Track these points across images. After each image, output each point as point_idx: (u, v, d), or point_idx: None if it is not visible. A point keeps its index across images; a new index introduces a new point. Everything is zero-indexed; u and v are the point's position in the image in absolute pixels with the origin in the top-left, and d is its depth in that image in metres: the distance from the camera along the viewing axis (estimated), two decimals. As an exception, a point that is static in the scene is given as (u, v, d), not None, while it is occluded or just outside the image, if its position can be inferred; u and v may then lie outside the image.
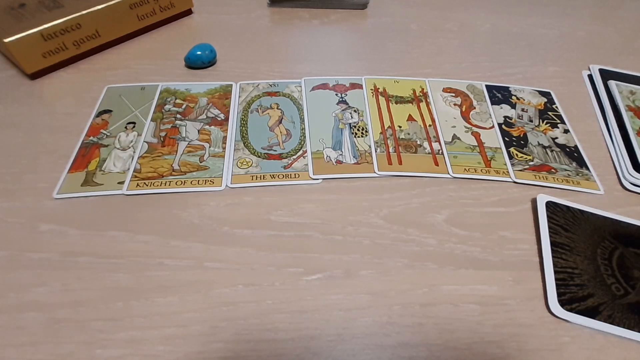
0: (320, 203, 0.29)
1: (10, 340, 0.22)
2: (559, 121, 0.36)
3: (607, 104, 0.37)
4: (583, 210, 0.29)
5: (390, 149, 0.32)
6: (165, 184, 0.29)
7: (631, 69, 0.41)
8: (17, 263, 0.25)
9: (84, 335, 0.22)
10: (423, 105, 0.36)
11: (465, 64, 0.41)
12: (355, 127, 0.34)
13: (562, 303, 0.24)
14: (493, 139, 0.34)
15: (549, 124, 0.35)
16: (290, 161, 0.31)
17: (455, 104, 0.37)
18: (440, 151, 0.32)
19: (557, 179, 0.31)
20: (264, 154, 0.32)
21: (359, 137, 0.33)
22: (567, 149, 0.33)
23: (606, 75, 0.40)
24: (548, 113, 0.36)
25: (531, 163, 0.32)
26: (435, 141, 0.33)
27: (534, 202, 0.29)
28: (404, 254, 0.26)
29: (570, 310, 0.24)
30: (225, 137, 0.33)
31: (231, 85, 0.37)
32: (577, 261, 0.26)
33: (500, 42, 0.44)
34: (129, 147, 0.31)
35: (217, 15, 0.46)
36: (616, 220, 0.28)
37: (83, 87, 0.36)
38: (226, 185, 0.29)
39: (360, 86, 0.38)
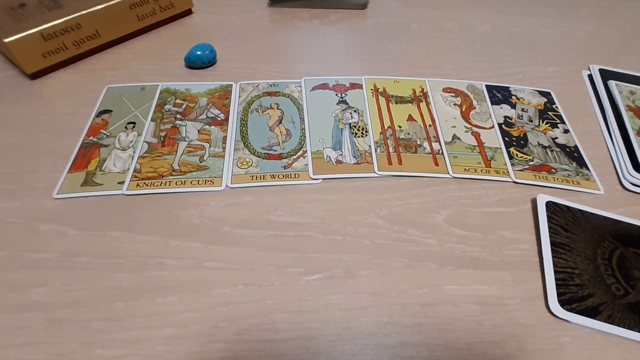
0: (320, 203, 0.29)
1: (10, 340, 0.22)
2: (559, 121, 0.36)
3: (607, 104, 0.37)
4: (583, 210, 0.29)
5: (390, 149, 0.32)
6: (165, 184, 0.29)
7: (631, 69, 0.41)
8: (17, 263, 0.25)
9: (84, 335, 0.22)
10: (423, 105, 0.36)
11: (465, 64, 0.41)
12: (355, 127, 0.34)
13: (562, 303, 0.24)
14: (493, 139, 0.34)
15: (549, 124, 0.35)
16: (290, 161, 0.31)
17: (455, 104, 0.37)
18: (440, 151, 0.32)
19: (557, 179, 0.31)
20: (264, 154, 0.32)
21: (359, 137, 0.33)
22: (567, 149, 0.33)
23: (606, 75, 0.40)
24: (548, 113, 0.36)
25: (531, 163, 0.32)
26: (435, 141, 0.33)
27: (534, 202, 0.29)
28: (404, 254, 0.26)
29: (570, 310, 0.24)
30: (225, 137, 0.33)
31: (231, 85, 0.37)
32: (577, 261, 0.26)
33: (500, 42, 0.44)
34: (129, 147, 0.31)
35: (217, 15, 0.46)
36: (616, 220, 0.28)
37: (83, 87, 0.36)
38: (226, 185, 0.29)
39: (360, 86, 0.38)
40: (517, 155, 0.33)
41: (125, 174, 0.30)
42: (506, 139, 0.34)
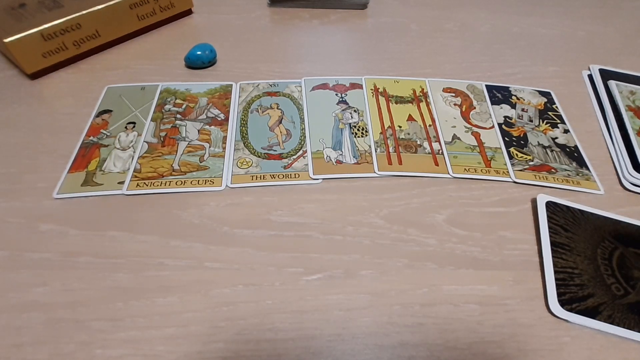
0: (320, 203, 0.29)
1: (10, 340, 0.22)
2: (559, 121, 0.36)
3: (607, 104, 0.37)
4: (583, 210, 0.29)
5: (390, 149, 0.32)
6: (165, 184, 0.29)
7: (631, 69, 0.41)
8: (17, 263, 0.25)
9: (84, 335, 0.22)
10: (423, 105, 0.36)
11: (465, 64, 0.41)
12: (355, 127, 0.34)
13: (562, 303, 0.24)
14: (493, 139, 0.34)
15: (549, 124, 0.35)
16: (290, 161, 0.31)
17: (455, 104, 0.37)
18: (440, 151, 0.32)
19: (557, 179, 0.31)
20: (264, 154, 0.32)
21: (359, 137, 0.33)
22: (567, 149, 0.33)
23: (606, 75, 0.40)
24: (548, 113, 0.36)
25: (531, 163, 0.32)
26: (435, 141, 0.33)
27: (534, 202, 0.29)
28: (404, 254, 0.26)
29: (570, 310, 0.24)
30: (225, 137, 0.33)
31: (231, 85, 0.37)
32: (577, 261, 0.26)
33: (500, 42, 0.44)
34: (129, 147, 0.31)
35: (217, 15, 0.46)
36: (616, 220, 0.28)
37: (83, 87, 0.36)
38: (226, 185, 0.29)
39: (360, 86, 0.38)
40: (517, 155, 0.33)
41: (125, 174, 0.30)
42: (506, 139, 0.34)
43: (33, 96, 0.35)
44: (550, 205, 0.29)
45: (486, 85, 0.39)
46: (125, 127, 0.33)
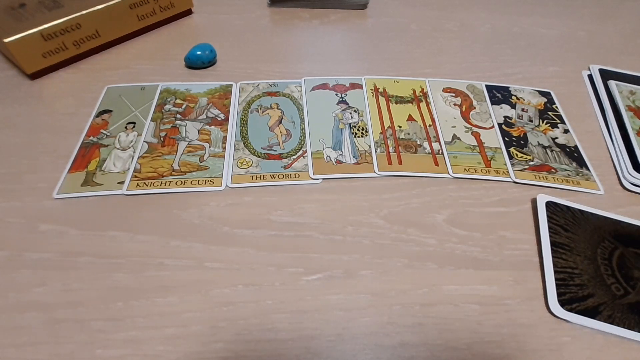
0: (320, 203, 0.29)
1: (10, 340, 0.22)
2: (559, 121, 0.36)
3: (607, 104, 0.37)
4: (583, 210, 0.29)
5: (390, 149, 0.32)
6: (165, 184, 0.29)
7: (631, 69, 0.41)
8: (17, 263, 0.25)
9: (84, 335, 0.22)
10: (423, 105, 0.36)
11: (465, 64, 0.41)
12: (355, 127, 0.34)
13: (562, 303, 0.24)
14: (493, 139, 0.34)
15: (549, 124, 0.35)
16: (290, 161, 0.31)
17: (455, 104, 0.37)
18: (440, 151, 0.32)
19: (557, 179, 0.31)
20: (264, 154, 0.32)
21: (359, 137, 0.33)
22: (567, 149, 0.33)
23: (606, 75, 0.40)
24: (548, 113, 0.36)
25: (531, 163, 0.32)
26: (435, 141, 0.33)
27: (534, 202, 0.29)
28: (404, 254, 0.26)
29: (570, 310, 0.24)
30: (225, 137, 0.33)
31: (231, 85, 0.37)
32: (577, 261, 0.26)
33: (500, 42, 0.44)
34: (129, 147, 0.31)
35: (217, 15, 0.46)
36: (616, 220, 0.28)
37: (83, 87, 0.36)
38: (226, 185, 0.29)
39: (360, 86, 0.38)
40: (517, 155, 0.33)
41: (125, 174, 0.30)
42: (506, 139, 0.34)
43: (33, 96, 0.35)
44: (550, 205, 0.29)
45: (486, 85, 0.39)
46: (125, 127, 0.33)
